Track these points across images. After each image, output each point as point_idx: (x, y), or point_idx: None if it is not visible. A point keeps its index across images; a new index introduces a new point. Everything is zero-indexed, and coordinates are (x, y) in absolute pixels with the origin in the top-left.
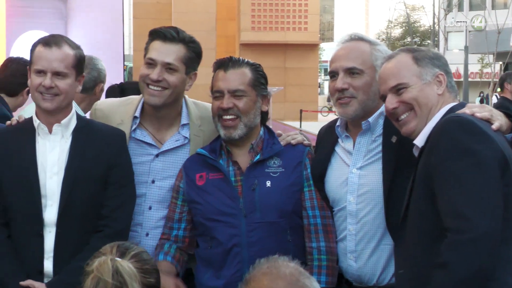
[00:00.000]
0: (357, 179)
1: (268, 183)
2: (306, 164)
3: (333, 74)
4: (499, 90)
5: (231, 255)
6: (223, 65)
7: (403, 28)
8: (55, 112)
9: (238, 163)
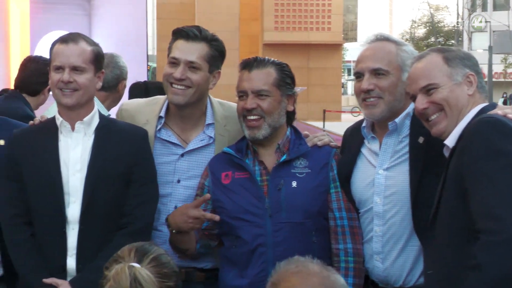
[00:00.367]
0: (384, 180)
1: (294, 184)
2: (333, 166)
3: (359, 75)
4: None
5: (256, 255)
6: (248, 65)
7: (427, 28)
8: (76, 108)
9: (264, 163)
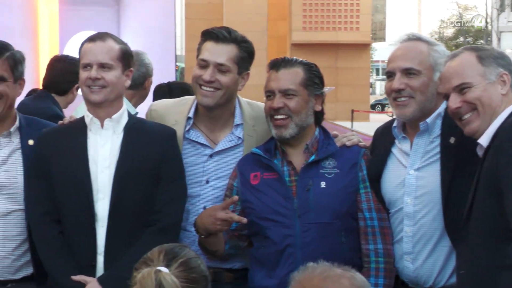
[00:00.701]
0: (415, 181)
1: (323, 184)
2: (362, 166)
3: (390, 74)
4: None
5: (285, 255)
6: (276, 65)
7: (456, 28)
8: (104, 105)
9: (293, 163)
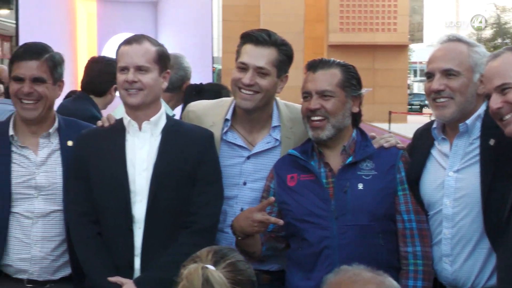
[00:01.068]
0: (454, 183)
1: (360, 186)
2: (400, 168)
3: (430, 75)
4: None
5: (322, 257)
6: (313, 67)
7: (494, 30)
8: (142, 108)
9: (330, 165)
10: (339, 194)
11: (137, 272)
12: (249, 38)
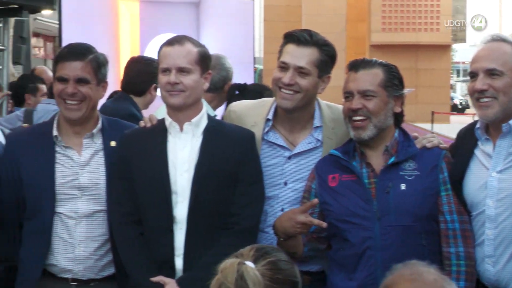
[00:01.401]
0: (497, 183)
1: (403, 186)
2: (443, 168)
3: (473, 75)
4: None
5: (364, 258)
6: (355, 66)
7: None
8: (183, 109)
9: (372, 165)
10: (382, 195)
11: (179, 272)
12: (291, 38)
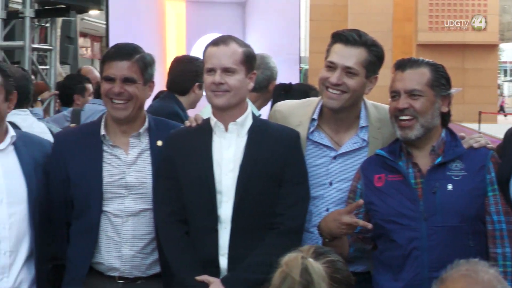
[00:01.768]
0: None
1: (450, 187)
2: (490, 168)
3: None
4: None
5: (411, 259)
6: (402, 66)
7: None
8: (228, 109)
9: (418, 165)
10: (428, 195)
11: (223, 272)
12: (339, 38)
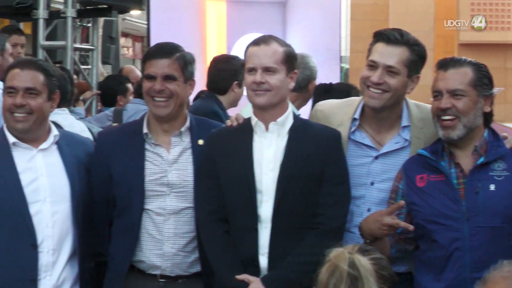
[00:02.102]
0: None
1: (492, 187)
2: None
3: None
4: None
5: (453, 259)
6: (444, 65)
7: None
8: (268, 108)
9: (461, 165)
10: (471, 195)
11: (263, 271)
12: (381, 37)
